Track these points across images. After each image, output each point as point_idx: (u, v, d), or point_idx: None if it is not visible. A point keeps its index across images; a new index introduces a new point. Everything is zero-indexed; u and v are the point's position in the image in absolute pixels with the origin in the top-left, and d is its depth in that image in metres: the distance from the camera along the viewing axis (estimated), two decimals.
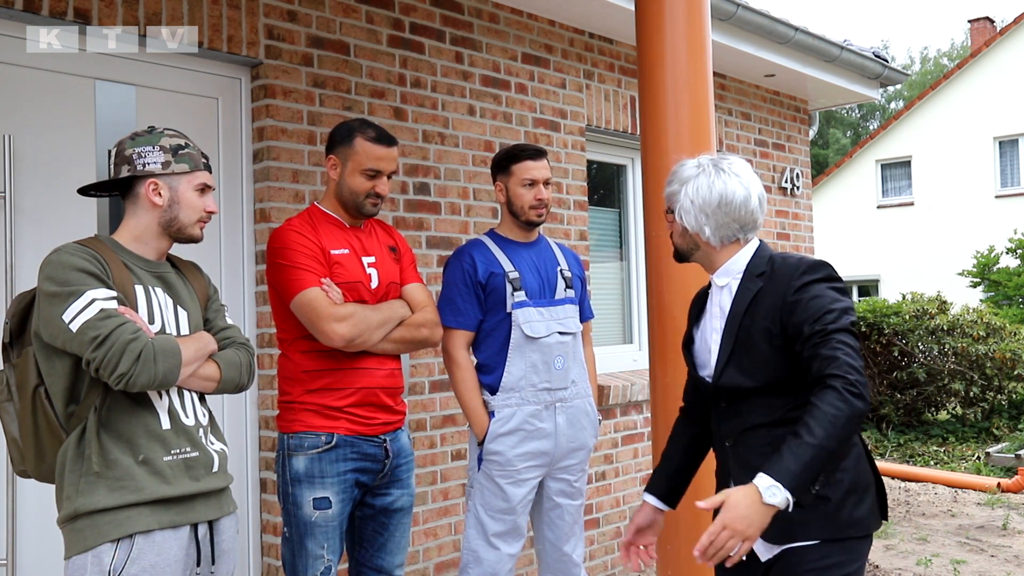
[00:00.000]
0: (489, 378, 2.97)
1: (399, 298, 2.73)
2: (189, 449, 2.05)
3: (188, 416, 2.08)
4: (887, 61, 6.51)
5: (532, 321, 2.95)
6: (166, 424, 2.02)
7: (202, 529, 2.08)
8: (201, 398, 2.15)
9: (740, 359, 1.97)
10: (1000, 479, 6.89)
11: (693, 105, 2.95)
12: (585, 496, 3.23)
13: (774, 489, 1.66)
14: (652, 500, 2.21)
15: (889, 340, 8.76)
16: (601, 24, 4.75)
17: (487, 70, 4.27)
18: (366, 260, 2.69)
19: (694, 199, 2.02)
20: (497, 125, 4.30)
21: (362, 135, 2.66)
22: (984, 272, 15.43)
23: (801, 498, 1.69)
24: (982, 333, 8.64)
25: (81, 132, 3.07)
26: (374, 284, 2.68)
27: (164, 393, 2.04)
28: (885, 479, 7.19)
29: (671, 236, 2.16)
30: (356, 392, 2.61)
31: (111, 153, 2.15)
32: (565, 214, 4.64)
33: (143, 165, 2.07)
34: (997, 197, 18.94)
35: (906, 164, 20.60)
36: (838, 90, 6.41)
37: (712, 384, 2.05)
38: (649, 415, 4.34)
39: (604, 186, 5.36)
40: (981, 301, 14.50)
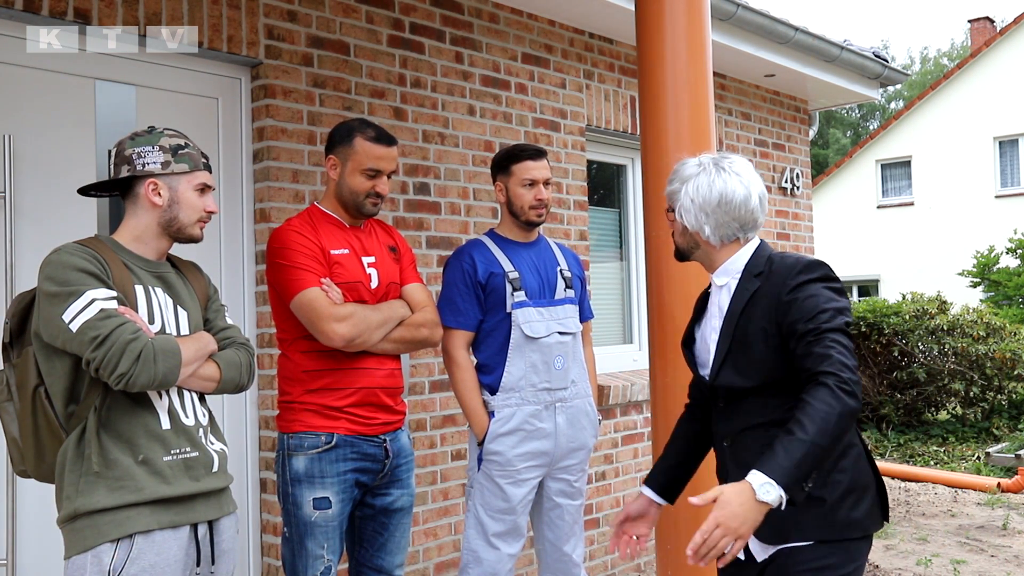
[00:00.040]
0: (489, 378, 2.97)
1: (399, 298, 2.73)
2: (189, 449, 2.05)
3: (188, 416, 2.08)
4: (887, 61, 6.51)
5: (532, 321, 2.95)
6: (166, 424, 2.02)
7: (202, 529, 2.08)
8: (201, 398, 2.15)
9: (737, 359, 1.97)
10: (1000, 479, 6.89)
11: (693, 105, 2.95)
12: (585, 496, 3.23)
13: (768, 486, 1.64)
14: (648, 492, 2.21)
15: (889, 340, 8.76)
16: (601, 24, 4.75)
17: (487, 70, 4.27)
18: (366, 260, 2.69)
19: (694, 198, 2.02)
20: (497, 125, 4.30)
21: (362, 135, 2.66)
22: (984, 272, 15.43)
23: (794, 495, 1.67)
24: (982, 333, 8.64)
25: (81, 132, 3.07)
26: (374, 284, 2.68)
27: (164, 393, 2.04)
28: (885, 479, 7.18)
29: (672, 235, 2.16)
30: (356, 392, 2.61)
31: (111, 153, 2.15)
32: (565, 214, 4.64)
33: (143, 165, 2.08)
34: (997, 197, 18.95)
35: (906, 164, 20.60)
36: (838, 90, 6.40)
37: (709, 384, 2.05)
38: (649, 415, 4.34)
39: (604, 186, 5.36)
40: (981, 301, 14.50)
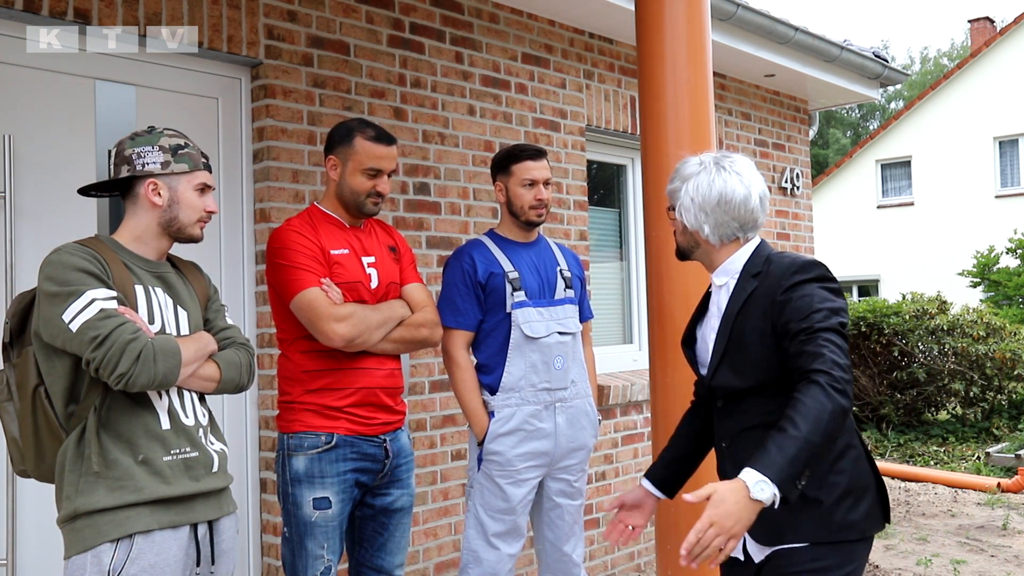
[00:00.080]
0: (489, 378, 2.97)
1: (399, 298, 2.73)
2: (189, 449, 2.05)
3: (188, 416, 2.08)
4: (887, 61, 6.51)
5: (532, 321, 2.95)
6: (166, 424, 2.02)
7: (202, 529, 2.08)
8: (201, 398, 2.15)
9: (733, 359, 1.97)
10: (1000, 479, 6.89)
11: (693, 105, 2.95)
12: (585, 496, 3.23)
13: (762, 484, 1.62)
14: (647, 484, 2.21)
15: (889, 340, 8.76)
16: (601, 24, 4.75)
17: (487, 70, 4.27)
18: (366, 260, 2.69)
19: (694, 197, 2.01)
20: (497, 125, 4.30)
21: (362, 135, 2.66)
22: (984, 272, 15.43)
23: (788, 493, 1.65)
24: (982, 333, 8.64)
25: (81, 132, 3.07)
26: (374, 284, 2.68)
27: (164, 393, 2.04)
28: (885, 479, 7.18)
29: (674, 233, 2.16)
30: (356, 392, 2.61)
31: (111, 153, 2.15)
32: (565, 214, 4.64)
33: (143, 165, 2.08)
34: (997, 197, 18.95)
35: (906, 164, 20.60)
36: (838, 90, 6.40)
37: (706, 384, 2.05)
38: (649, 415, 4.34)
39: (604, 186, 5.36)
40: (981, 301, 14.50)
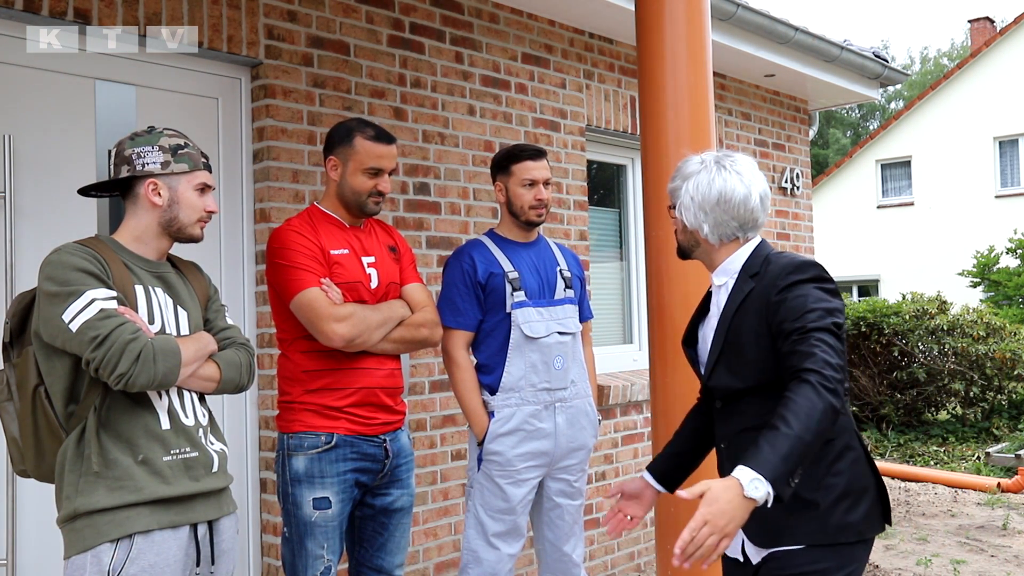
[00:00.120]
0: (489, 378, 2.97)
1: (399, 298, 2.74)
2: (189, 449, 2.05)
3: (188, 416, 2.08)
4: (887, 61, 6.51)
5: (531, 321, 2.95)
6: (166, 424, 2.02)
7: (202, 529, 2.08)
8: (201, 398, 2.15)
9: (730, 360, 1.96)
10: (1000, 479, 6.89)
11: (693, 105, 2.95)
12: (585, 496, 3.23)
13: (757, 482, 1.61)
14: (647, 477, 2.22)
15: (889, 340, 8.76)
16: (601, 24, 4.75)
17: (487, 70, 4.27)
18: (366, 260, 2.69)
19: (694, 195, 2.01)
20: (497, 125, 4.30)
21: (361, 134, 2.66)
22: (984, 272, 15.43)
23: (781, 491, 1.63)
24: (982, 333, 8.64)
25: (81, 132, 3.07)
26: (374, 284, 2.68)
27: (164, 393, 2.04)
28: (885, 479, 7.18)
29: (675, 232, 2.16)
30: (356, 392, 2.61)
31: (111, 153, 2.15)
32: (565, 214, 4.64)
33: (142, 165, 2.08)
34: (997, 197, 18.95)
35: (906, 164, 20.60)
36: (838, 90, 6.40)
37: (704, 384, 2.05)
38: (649, 415, 4.34)
39: (604, 186, 5.36)
40: (981, 301, 14.50)
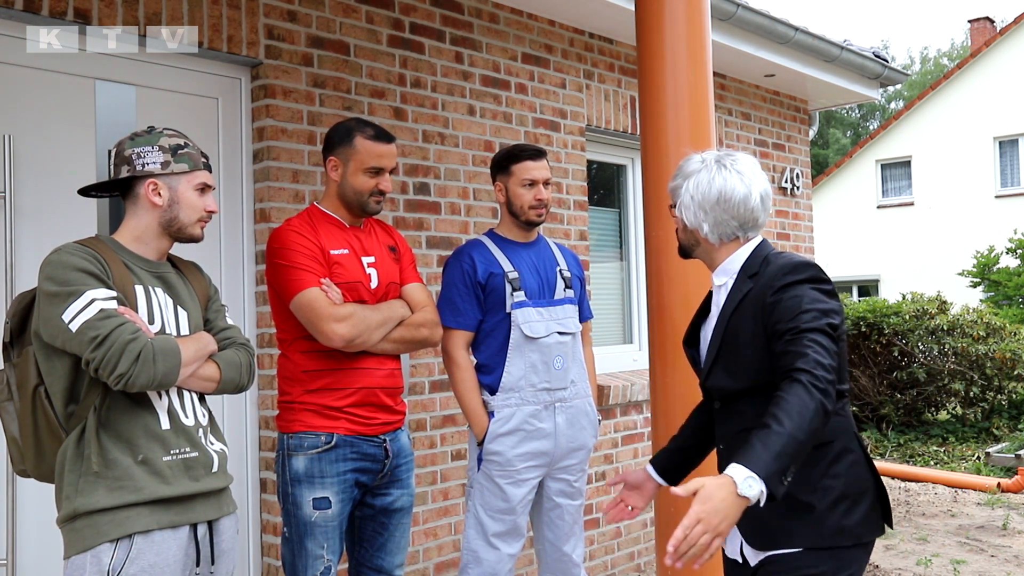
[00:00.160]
0: (489, 378, 2.97)
1: (399, 298, 2.74)
2: (188, 449, 2.05)
3: (188, 416, 2.08)
4: (887, 61, 6.51)
5: (531, 321, 2.95)
6: (166, 424, 2.02)
7: (201, 529, 2.08)
8: (201, 398, 2.15)
9: (727, 360, 1.96)
10: (1000, 479, 6.89)
11: (693, 105, 2.95)
12: (585, 496, 3.23)
13: (750, 481, 1.60)
14: (650, 469, 2.22)
15: (889, 340, 8.76)
16: (601, 24, 4.75)
17: (487, 70, 4.27)
18: (366, 260, 2.69)
19: (694, 194, 2.01)
20: (497, 125, 4.30)
21: (361, 134, 2.67)
22: (984, 272, 15.43)
23: (774, 489, 1.63)
24: (982, 333, 8.63)
25: (81, 132, 3.07)
26: (374, 284, 2.68)
27: (164, 393, 2.04)
28: (885, 479, 7.18)
29: (676, 231, 2.15)
30: (356, 392, 2.61)
31: (111, 153, 2.15)
32: (565, 214, 4.64)
33: (142, 165, 2.08)
34: (997, 197, 18.95)
35: (906, 164, 20.60)
36: (838, 90, 6.40)
37: (702, 384, 2.05)
38: (649, 415, 4.34)
39: (604, 186, 5.36)
40: (981, 301, 14.50)
